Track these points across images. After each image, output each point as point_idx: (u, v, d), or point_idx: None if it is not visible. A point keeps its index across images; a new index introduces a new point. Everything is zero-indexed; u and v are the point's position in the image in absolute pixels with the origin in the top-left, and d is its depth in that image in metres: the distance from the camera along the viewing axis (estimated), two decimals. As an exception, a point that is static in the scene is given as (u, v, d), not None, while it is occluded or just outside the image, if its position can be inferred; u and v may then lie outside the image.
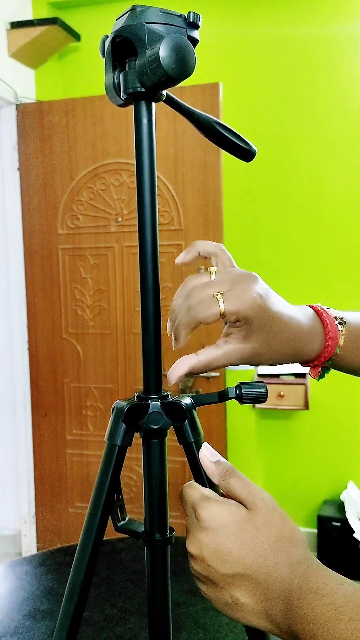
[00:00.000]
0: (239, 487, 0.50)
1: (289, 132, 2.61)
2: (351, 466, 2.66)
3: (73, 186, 2.53)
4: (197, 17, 0.51)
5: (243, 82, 2.64)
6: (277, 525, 0.48)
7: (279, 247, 2.67)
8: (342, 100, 2.55)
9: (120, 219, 2.48)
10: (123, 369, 2.55)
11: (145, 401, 0.56)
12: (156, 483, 0.57)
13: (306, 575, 0.44)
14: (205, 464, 0.53)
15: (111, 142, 2.47)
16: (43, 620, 0.96)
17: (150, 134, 0.54)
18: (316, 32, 2.54)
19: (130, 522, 0.60)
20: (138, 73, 0.50)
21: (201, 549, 0.48)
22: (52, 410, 2.66)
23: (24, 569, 1.13)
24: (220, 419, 2.44)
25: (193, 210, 2.39)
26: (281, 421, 2.74)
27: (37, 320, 2.65)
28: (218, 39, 2.63)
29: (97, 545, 0.56)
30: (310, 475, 2.74)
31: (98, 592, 1.04)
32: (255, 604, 0.46)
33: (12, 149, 2.59)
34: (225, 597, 0.48)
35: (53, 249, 2.59)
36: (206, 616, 0.95)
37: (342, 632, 0.40)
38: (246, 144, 0.58)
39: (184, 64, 0.48)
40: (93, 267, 2.54)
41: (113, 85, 0.53)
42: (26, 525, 2.73)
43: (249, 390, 0.54)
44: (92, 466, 2.62)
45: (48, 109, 2.54)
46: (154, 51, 0.48)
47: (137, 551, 1.18)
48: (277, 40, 2.59)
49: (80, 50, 2.83)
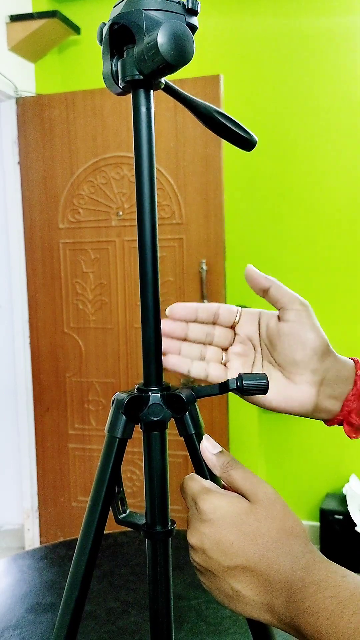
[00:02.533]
0: (240, 479, 0.50)
1: (290, 124, 2.59)
2: (353, 459, 2.66)
3: (74, 180, 2.52)
4: (195, 4, 0.51)
5: (244, 74, 2.62)
6: (279, 518, 0.48)
7: (280, 241, 2.66)
8: (343, 92, 2.53)
9: (121, 213, 2.47)
10: (125, 364, 2.55)
11: (146, 393, 0.55)
12: (157, 475, 0.56)
13: (308, 567, 0.44)
14: (206, 456, 0.53)
15: (112, 136, 2.45)
16: (45, 613, 0.96)
17: (149, 122, 0.53)
18: (317, 23, 2.52)
19: (131, 514, 0.59)
20: (136, 60, 0.49)
21: (202, 541, 0.48)
22: (54, 404, 2.67)
23: (26, 562, 1.13)
24: (222, 413, 2.44)
25: (194, 204, 2.38)
26: (283, 415, 2.74)
27: (38, 315, 2.65)
28: (219, 30, 2.61)
29: (98, 538, 0.55)
30: (312, 468, 2.73)
31: (100, 586, 1.04)
32: (256, 596, 0.46)
33: (12, 143, 2.59)
34: (226, 589, 0.47)
35: (54, 243, 2.58)
36: (208, 609, 0.95)
37: (346, 626, 0.40)
38: (246, 132, 0.57)
39: (182, 51, 0.48)
40: (94, 261, 2.54)
41: (111, 73, 0.53)
42: (29, 520, 2.73)
43: (250, 381, 0.53)
44: (94, 460, 2.62)
45: (48, 102, 2.53)
46: (151, 38, 0.47)
47: (139, 544, 1.18)
48: (278, 32, 2.58)
49: (80, 43, 2.82)
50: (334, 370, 0.57)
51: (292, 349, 0.57)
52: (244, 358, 0.61)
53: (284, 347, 0.57)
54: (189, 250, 2.39)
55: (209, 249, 2.37)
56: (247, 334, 0.61)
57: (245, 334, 0.61)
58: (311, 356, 0.57)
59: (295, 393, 0.58)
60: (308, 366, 0.57)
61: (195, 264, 2.39)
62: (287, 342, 0.57)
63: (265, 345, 0.60)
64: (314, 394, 0.57)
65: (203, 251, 2.37)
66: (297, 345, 0.57)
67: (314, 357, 0.57)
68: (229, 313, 0.61)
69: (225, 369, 0.61)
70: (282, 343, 0.57)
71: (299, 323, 0.57)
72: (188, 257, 2.39)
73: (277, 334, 0.58)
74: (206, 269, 2.37)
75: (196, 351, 0.61)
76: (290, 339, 0.57)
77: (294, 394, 0.58)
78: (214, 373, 0.60)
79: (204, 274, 2.37)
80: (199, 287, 2.39)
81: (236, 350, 0.61)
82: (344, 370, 0.58)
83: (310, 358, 0.57)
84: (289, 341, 0.57)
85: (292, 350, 0.57)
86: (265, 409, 0.60)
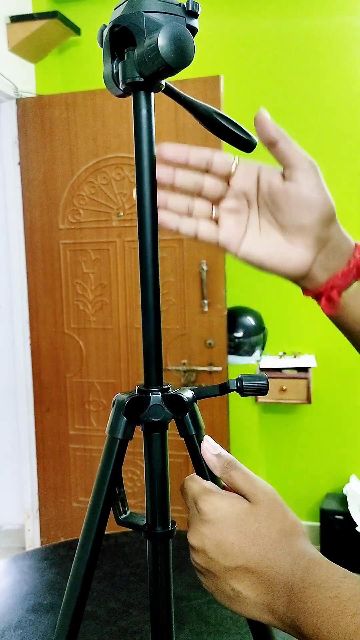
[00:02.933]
0: (240, 480, 0.50)
1: (290, 125, 2.58)
2: (353, 460, 2.66)
3: (74, 181, 2.52)
4: (196, 6, 0.51)
5: (244, 75, 2.62)
6: (279, 518, 0.48)
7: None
8: (344, 92, 2.53)
9: (121, 214, 2.47)
10: (125, 364, 2.55)
11: (146, 394, 0.55)
12: (157, 475, 0.56)
13: (309, 568, 0.44)
14: (206, 457, 0.53)
15: (112, 136, 2.46)
16: (46, 614, 0.96)
17: (150, 124, 0.53)
18: (317, 24, 2.53)
19: (132, 515, 0.60)
20: (137, 63, 0.50)
21: (203, 541, 0.48)
22: (54, 405, 2.67)
23: (27, 563, 1.13)
24: (222, 414, 2.44)
25: (194, 204, 2.38)
26: (283, 415, 2.74)
27: (39, 316, 2.65)
28: (219, 31, 2.62)
29: (99, 538, 0.56)
30: (312, 469, 2.74)
31: (101, 586, 1.04)
32: (257, 596, 0.46)
33: (13, 144, 2.59)
34: (226, 589, 0.47)
35: (54, 244, 2.58)
36: (209, 609, 0.95)
37: (347, 626, 0.40)
38: (246, 134, 0.57)
39: (183, 53, 0.48)
40: (95, 262, 2.54)
41: (112, 75, 0.53)
42: (30, 520, 2.74)
43: (250, 382, 0.53)
44: (95, 461, 2.62)
45: (48, 103, 2.53)
46: (152, 40, 0.47)
47: (140, 545, 1.18)
48: (279, 32, 2.58)
49: (80, 44, 2.82)
50: (336, 240, 0.55)
51: (299, 212, 0.53)
52: (236, 215, 0.57)
53: (290, 209, 0.54)
54: (189, 251, 2.39)
55: (209, 249, 2.37)
56: (243, 188, 0.56)
57: (240, 188, 0.56)
58: (318, 221, 0.53)
59: (293, 255, 0.55)
60: (313, 231, 0.54)
61: (196, 264, 2.39)
62: (294, 204, 0.53)
63: (266, 203, 0.56)
64: (311, 259, 0.55)
65: (203, 252, 2.37)
66: (304, 209, 0.53)
67: (320, 222, 0.54)
68: (224, 162, 0.56)
69: (216, 227, 0.57)
70: (288, 205, 0.54)
71: (307, 185, 0.53)
72: (188, 257, 2.40)
73: (282, 194, 0.54)
74: (206, 269, 2.37)
75: (183, 204, 0.57)
76: (298, 201, 0.53)
77: (292, 256, 0.55)
78: (204, 231, 0.57)
79: (204, 275, 2.37)
80: (200, 287, 2.39)
81: (229, 206, 0.57)
82: (345, 244, 0.56)
83: (316, 223, 0.54)
84: (296, 203, 0.53)
85: (298, 213, 0.53)
86: (255, 267, 0.57)
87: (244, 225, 0.57)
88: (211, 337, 2.40)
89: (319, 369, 2.63)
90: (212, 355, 2.41)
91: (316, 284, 0.56)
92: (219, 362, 2.41)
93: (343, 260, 0.55)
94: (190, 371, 2.42)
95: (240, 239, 0.57)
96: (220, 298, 2.38)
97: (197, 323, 2.41)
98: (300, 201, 0.53)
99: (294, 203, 0.53)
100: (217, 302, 2.38)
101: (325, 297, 0.56)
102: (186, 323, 2.42)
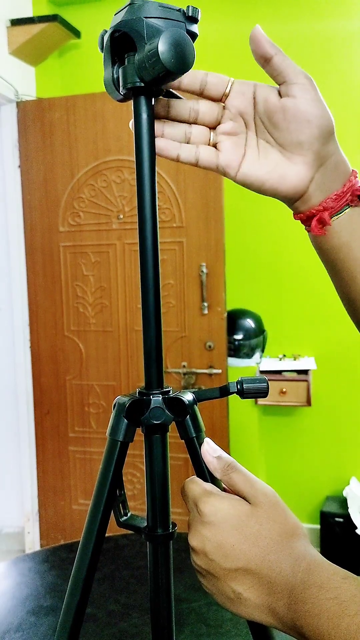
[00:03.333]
0: (241, 482, 0.50)
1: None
2: (354, 462, 2.66)
3: (74, 183, 2.52)
4: (196, 11, 0.51)
5: (244, 77, 2.62)
6: (279, 520, 0.48)
7: (280, 244, 2.67)
8: (346, 97, 2.54)
9: (121, 216, 2.47)
10: (125, 367, 2.55)
11: (147, 396, 0.56)
12: (158, 478, 0.57)
13: (309, 569, 0.44)
14: (207, 459, 0.53)
15: (112, 139, 2.46)
16: (47, 616, 0.96)
17: (150, 129, 0.54)
18: (318, 28, 2.53)
19: (133, 517, 0.60)
20: (137, 68, 0.50)
21: (203, 543, 0.48)
22: (54, 407, 2.67)
23: (27, 565, 1.13)
24: (222, 416, 2.44)
25: (194, 207, 2.38)
26: (283, 417, 2.74)
27: (38, 318, 2.65)
28: (219, 36, 2.62)
29: (100, 541, 0.56)
30: (312, 471, 2.74)
31: (101, 589, 1.04)
32: (257, 598, 0.46)
33: (13, 147, 2.59)
34: (227, 591, 0.48)
35: (54, 247, 2.59)
36: (209, 611, 0.95)
37: (348, 627, 0.40)
38: None
39: (183, 58, 0.48)
40: (95, 264, 2.54)
41: (112, 80, 0.53)
42: (29, 523, 2.73)
43: (250, 385, 0.54)
44: (95, 463, 2.62)
45: (48, 106, 2.54)
46: (152, 46, 0.48)
47: (140, 547, 1.18)
48: (278, 35, 2.57)
49: (80, 47, 2.83)
50: (334, 159, 0.55)
51: (297, 127, 0.53)
52: (234, 137, 0.56)
53: (288, 125, 0.53)
54: (189, 254, 2.40)
55: (209, 252, 2.38)
56: (240, 108, 0.56)
57: (236, 109, 0.56)
58: (317, 136, 0.53)
59: (292, 173, 0.54)
60: (312, 147, 0.53)
61: (196, 266, 2.39)
62: (292, 119, 0.53)
63: (263, 122, 0.55)
64: (310, 177, 0.54)
65: (203, 254, 2.38)
66: (302, 123, 0.52)
67: (319, 137, 0.53)
68: (218, 81, 0.56)
69: (216, 152, 0.56)
70: (286, 121, 0.53)
71: (304, 99, 0.52)
72: (188, 260, 2.40)
73: (279, 111, 0.53)
74: (206, 271, 2.37)
75: (180, 131, 0.56)
76: (296, 115, 0.52)
77: (291, 174, 0.54)
78: (204, 156, 0.56)
79: (204, 277, 2.37)
80: (199, 289, 2.39)
81: (226, 129, 0.56)
82: (342, 166, 0.56)
83: (315, 138, 0.53)
84: (294, 118, 0.53)
85: (297, 128, 0.53)
86: (254, 189, 0.56)
87: (242, 147, 0.56)
88: (211, 340, 2.40)
89: (318, 372, 2.64)
90: (212, 357, 2.41)
91: (310, 205, 0.56)
92: (218, 365, 2.41)
93: (339, 182, 0.55)
94: (190, 374, 2.43)
95: (239, 161, 0.56)
96: (220, 300, 2.38)
97: (196, 325, 2.41)
98: (298, 116, 0.53)
99: (291, 119, 0.53)
100: (217, 305, 2.39)
101: (317, 219, 0.55)
102: (186, 325, 2.42)
